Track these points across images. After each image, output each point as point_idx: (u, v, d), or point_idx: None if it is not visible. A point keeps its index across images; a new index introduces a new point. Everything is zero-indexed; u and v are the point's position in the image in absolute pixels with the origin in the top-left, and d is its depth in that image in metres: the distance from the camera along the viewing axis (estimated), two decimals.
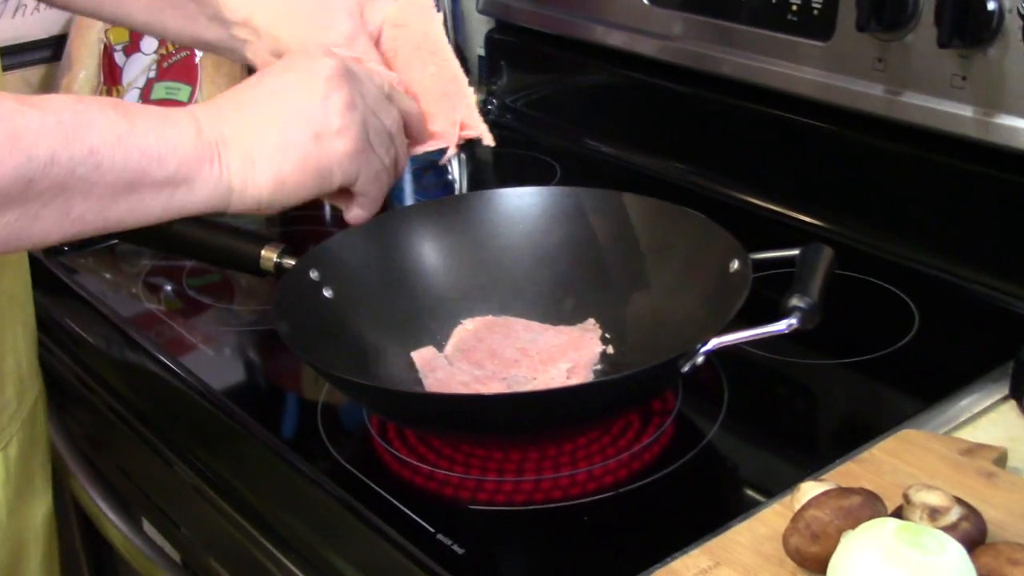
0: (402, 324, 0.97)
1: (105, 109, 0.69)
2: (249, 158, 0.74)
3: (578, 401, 0.80)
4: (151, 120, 0.70)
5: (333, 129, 0.78)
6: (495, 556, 0.78)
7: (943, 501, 0.66)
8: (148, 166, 0.69)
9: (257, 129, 0.75)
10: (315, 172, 0.78)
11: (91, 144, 0.66)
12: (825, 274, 0.84)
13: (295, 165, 0.77)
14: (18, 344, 0.90)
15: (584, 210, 1.01)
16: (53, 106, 0.67)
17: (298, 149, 0.76)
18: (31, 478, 0.95)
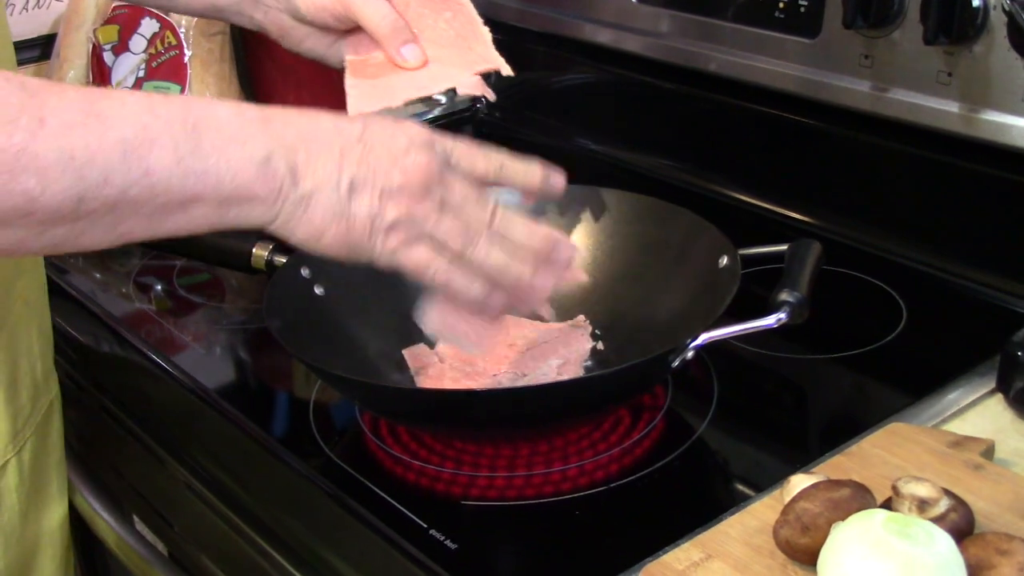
0: (393, 321, 0.97)
1: (173, 123, 0.65)
2: (304, 204, 0.70)
3: (568, 396, 0.80)
4: (219, 138, 0.67)
5: (386, 223, 0.72)
6: (488, 551, 0.79)
7: (932, 493, 0.67)
8: (204, 190, 0.66)
9: (326, 179, 0.70)
10: (350, 251, 0.73)
11: (148, 165, 0.63)
12: (813, 269, 0.85)
13: (338, 236, 0.72)
14: (33, 349, 0.89)
15: (573, 207, 1.01)
16: (120, 118, 0.64)
17: (349, 224, 0.71)
18: (46, 483, 0.95)
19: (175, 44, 1.34)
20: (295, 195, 0.69)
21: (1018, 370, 0.85)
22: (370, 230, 0.72)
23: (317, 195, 0.70)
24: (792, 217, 1.21)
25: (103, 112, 0.63)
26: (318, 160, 0.70)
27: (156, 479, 0.98)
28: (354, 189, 0.70)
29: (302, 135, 0.70)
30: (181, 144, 0.65)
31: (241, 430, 0.93)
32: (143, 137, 0.63)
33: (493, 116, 1.57)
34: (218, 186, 0.66)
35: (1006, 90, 0.98)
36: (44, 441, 0.93)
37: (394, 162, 0.71)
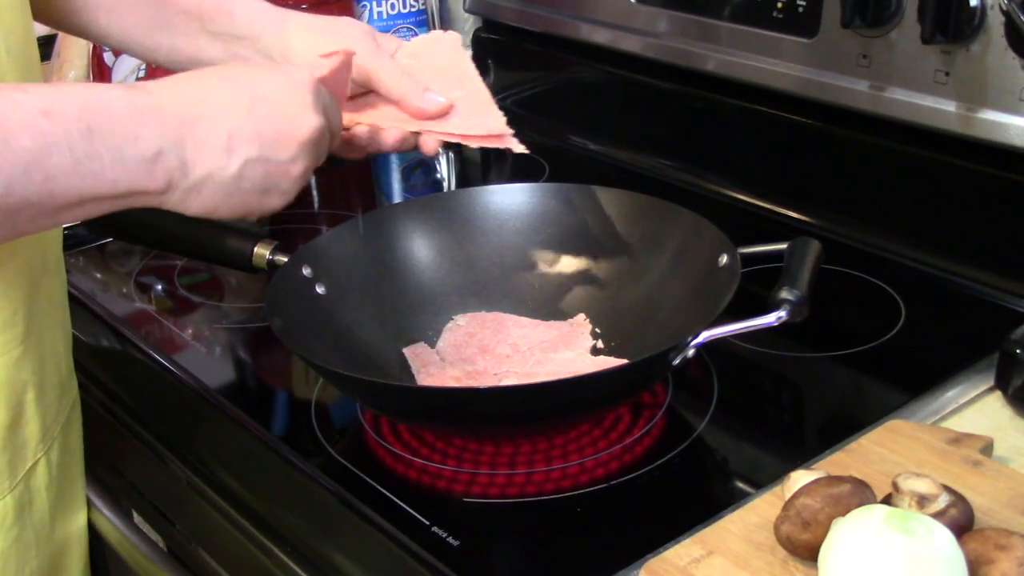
0: (394, 320, 0.98)
1: (69, 126, 0.67)
2: (196, 190, 0.73)
3: (569, 395, 0.81)
4: (112, 137, 0.69)
5: (283, 188, 0.77)
6: (490, 547, 0.79)
7: (931, 488, 0.67)
8: (99, 189, 0.69)
9: (216, 166, 0.73)
10: (246, 213, 0.78)
11: (47, 172, 0.66)
12: (813, 267, 0.85)
13: (232, 209, 0.76)
14: (58, 347, 0.90)
15: (574, 207, 1.02)
16: (16, 125, 0.66)
17: (241, 198, 0.75)
18: (72, 482, 0.95)
19: None
20: (186, 184, 0.73)
21: (1016, 367, 0.85)
22: (263, 199, 0.76)
23: (208, 181, 0.73)
24: (790, 216, 1.22)
25: (2, 119, 0.65)
26: (207, 150, 0.73)
27: (158, 478, 0.99)
28: (243, 172, 0.74)
29: (192, 120, 0.72)
30: (77, 148, 0.67)
31: (243, 428, 0.93)
32: (42, 144, 0.66)
33: None
34: (113, 186, 0.70)
35: (1003, 89, 0.99)
36: (68, 440, 0.93)
37: (289, 133, 0.76)
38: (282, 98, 0.76)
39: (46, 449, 0.87)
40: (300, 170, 0.77)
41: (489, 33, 1.60)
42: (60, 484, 0.91)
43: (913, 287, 1.06)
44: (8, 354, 0.81)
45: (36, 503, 0.87)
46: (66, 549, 0.94)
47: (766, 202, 1.24)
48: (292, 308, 0.90)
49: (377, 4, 1.55)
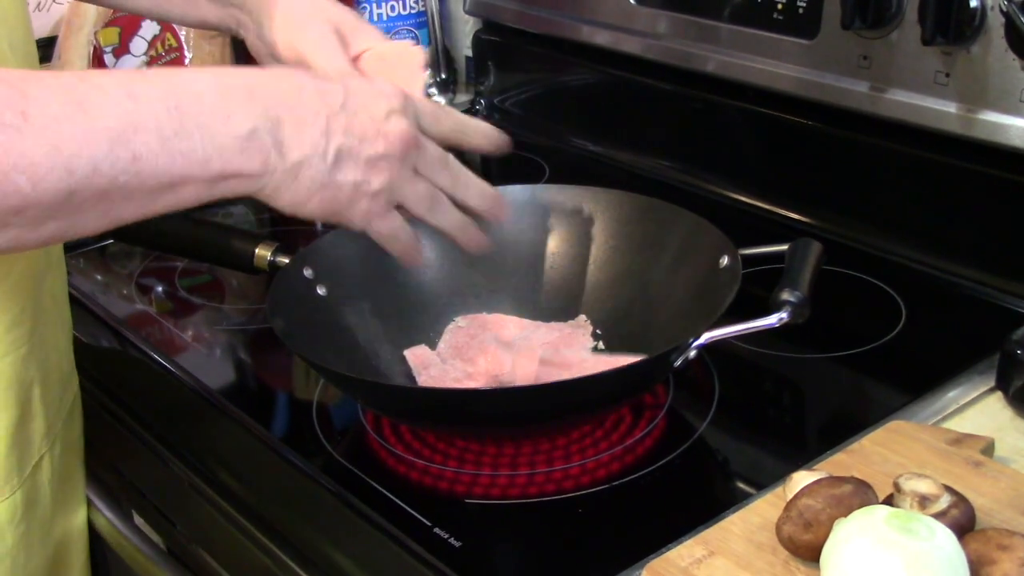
0: (395, 322, 0.98)
1: (155, 106, 0.65)
2: (292, 174, 0.71)
3: (570, 396, 0.81)
4: (203, 115, 0.67)
5: (372, 189, 0.75)
6: (492, 548, 0.79)
7: (933, 489, 0.67)
8: (191, 170, 0.67)
9: (312, 149, 0.72)
10: (332, 216, 0.76)
11: (135, 151, 0.64)
12: (814, 269, 0.85)
13: (323, 203, 0.74)
14: (60, 344, 0.90)
15: (574, 208, 1.02)
16: (102, 106, 0.64)
17: (333, 191, 0.74)
18: (72, 477, 0.95)
19: (175, 46, 1.34)
20: (283, 167, 0.70)
21: (1017, 368, 0.85)
22: (353, 197, 0.75)
23: (304, 166, 0.71)
24: (791, 217, 1.22)
25: (85, 101, 0.63)
26: (304, 130, 0.71)
27: (159, 478, 0.99)
28: (340, 159, 0.73)
29: (287, 104, 0.71)
30: (165, 126, 0.65)
31: (244, 429, 0.93)
32: (127, 123, 0.64)
33: (492, 117, 1.57)
34: (205, 164, 0.67)
35: (1003, 90, 0.99)
36: (70, 436, 0.94)
37: (377, 130, 0.74)
38: (372, 98, 0.75)
39: (50, 445, 0.87)
40: (387, 175, 0.75)
41: (489, 34, 1.60)
42: (61, 480, 0.91)
43: (914, 288, 1.07)
44: (16, 352, 0.81)
45: (40, 499, 0.87)
46: (67, 545, 0.95)
47: (767, 203, 1.24)
48: (293, 309, 0.90)
49: (377, 5, 1.56)
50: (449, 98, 1.61)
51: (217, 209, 1.35)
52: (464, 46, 1.64)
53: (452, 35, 1.67)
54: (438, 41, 1.58)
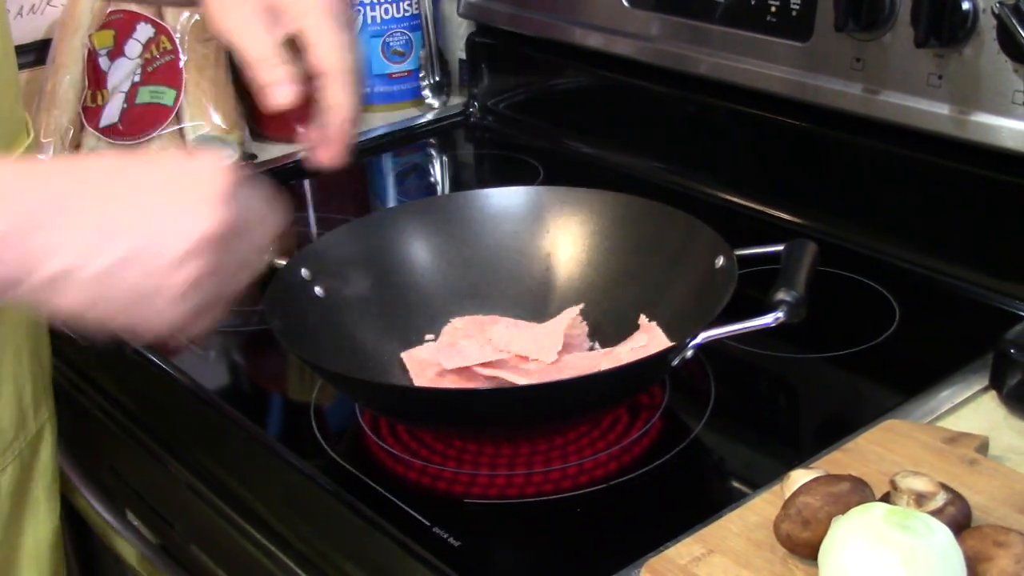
0: (392, 322, 0.98)
1: None
2: (56, 285, 0.60)
3: (568, 396, 0.81)
4: None
5: (172, 296, 0.62)
6: (491, 548, 0.79)
7: (929, 487, 0.68)
8: None
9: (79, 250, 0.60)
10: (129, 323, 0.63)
11: None
12: (810, 269, 0.86)
13: (108, 314, 0.62)
14: (21, 371, 0.88)
15: (570, 209, 1.02)
16: None
17: (117, 302, 0.61)
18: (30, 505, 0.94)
19: (170, 49, 1.35)
20: (40, 276, 0.60)
21: (1010, 367, 0.86)
22: (143, 306, 0.62)
23: (70, 276, 0.60)
24: (785, 219, 1.22)
25: None
26: (69, 238, 0.60)
27: (156, 480, 0.99)
28: (115, 270, 0.60)
29: (59, 203, 0.60)
30: None
31: (242, 430, 0.93)
32: None
33: (486, 120, 1.58)
34: None
35: (996, 92, 1.00)
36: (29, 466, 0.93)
37: (168, 234, 0.61)
38: (174, 189, 0.62)
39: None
40: (191, 275, 0.61)
41: (483, 37, 1.60)
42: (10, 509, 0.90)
43: (908, 288, 1.07)
44: None
45: None
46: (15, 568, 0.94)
47: (760, 205, 1.25)
48: (291, 310, 0.91)
49: (371, 8, 1.56)
50: (443, 100, 1.61)
51: None
52: (458, 49, 1.65)
53: (446, 37, 1.67)
54: (432, 44, 1.59)
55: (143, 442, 0.99)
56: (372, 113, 1.60)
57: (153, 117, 1.35)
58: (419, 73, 1.61)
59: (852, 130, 1.14)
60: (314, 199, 1.44)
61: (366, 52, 1.57)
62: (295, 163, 1.46)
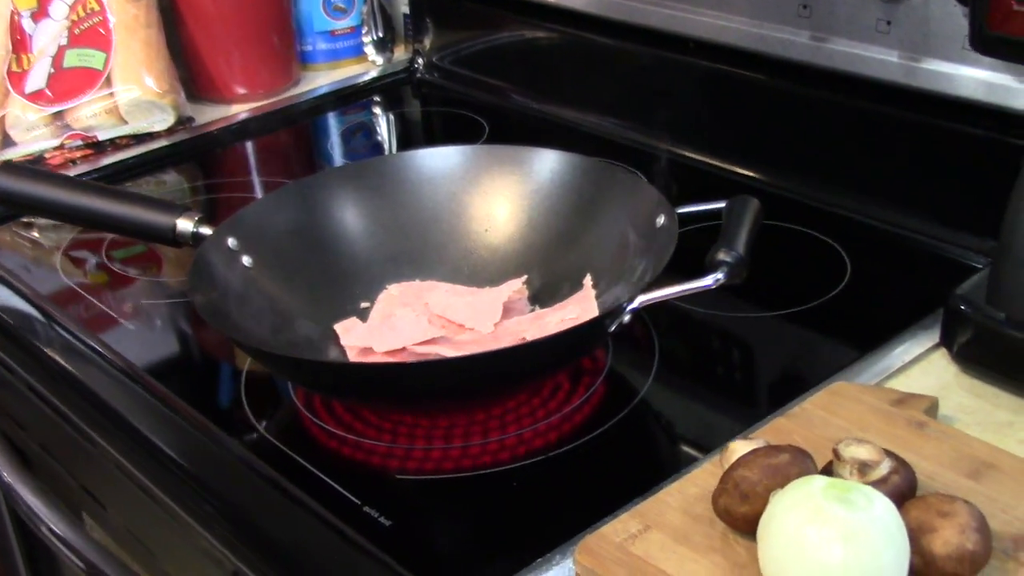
0: (326, 291, 0.95)
1: None
2: None
3: (502, 365, 0.78)
4: None
5: None
6: (423, 526, 0.76)
7: (872, 455, 0.65)
8: None
9: None
10: None
11: None
12: (752, 227, 0.83)
13: None
14: None
15: (508, 168, 0.99)
16: None
17: None
18: None
19: (98, 9, 1.30)
20: None
21: (961, 324, 0.83)
22: None
23: None
24: (734, 171, 1.19)
25: None
26: None
27: (88, 461, 0.96)
28: None
29: None
30: None
31: (170, 408, 0.89)
32: None
33: (431, 76, 1.53)
34: None
35: (946, 38, 0.96)
36: None
37: None
38: None
39: None
40: None
41: None
42: None
43: (859, 241, 1.04)
44: None
45: None
46: None
47: (709, 157, 1.21)
48: (217, 282, 0.87)
49: None
50: (387, 57, 1.56)
51: (149, 177, 1.31)
52: (402, 3, 1.60)
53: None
54: None
55: (72, 422, 0.95)
56: (314, 72, 1.56)
57: (82, 81, 1.30)
58: (362, 29, 1.56)
59: (800, 79, 1.11)
60: (257, 162, 1.40)
61: (307, 9, 1.52)
62: (235, 125, 1.41)
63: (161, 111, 1.34)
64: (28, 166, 0.96)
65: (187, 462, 0.86)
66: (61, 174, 0.96)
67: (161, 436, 0.89)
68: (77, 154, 1.31)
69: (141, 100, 1.32)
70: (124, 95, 1.31)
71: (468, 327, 0.90)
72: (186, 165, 1.35)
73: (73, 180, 0.94)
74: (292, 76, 1.51)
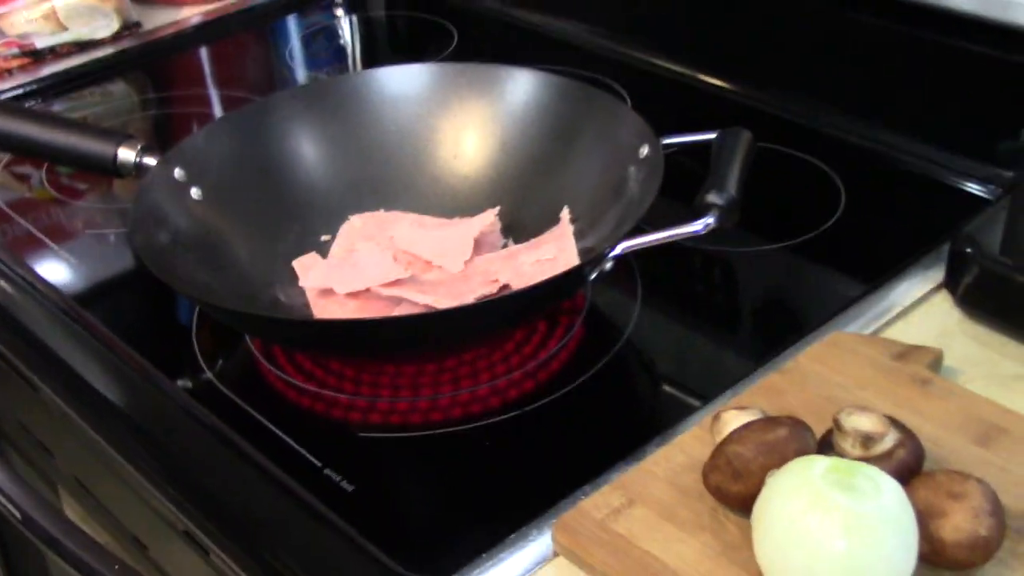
0: (283, 224, 0.88)
1: None
2: None
3: (476, 320, 0.72)
4: None
5: None
6: (387, 492, 0.70)
7: (877, 426, 0.59)
8: None
9: None
10: None
11: None
12: (743, 164, 0.76)
13: None
14: None
15: (479, 89, 0.91)
16: None
17: None
18: None
19: None
20: None
21: (967, 267, 0.77)
22: None
23: None
24: (717, 86, 1.11)
25: None
26: None
27: (33, 407, 0.89)
28: None
29: None
30: None
31: (110, 348, 0.83)
32: None
33: None
34: None
35: None
36: None
37: None
38: None
39: None
40: None
41: None
42: None
43: (854, 166, 0.97)
44: None
45: None
46: None
47: (693, 71, 1.13)
48: (162, 219, 0.80)
49: None
50: None
51: (94, 88, 1.23)
52: None
53: None
54: None
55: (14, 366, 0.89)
56: None
57: None
58: None
59: None
60: (211, 72, 1.31)
61: None
62: (188, 31, 1.32)
63: (104, 16, 1.25)
64: None
65: (131, 411, 0.80)
66: None
67: (102, 381, 0.83)
68: (13, 63, 1.22)
69: (81, 4, 1.23)
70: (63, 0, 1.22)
71: (436, 264, 0.83)
72: (134, 75, 1.26)
73: (3, 104, 0.86)
74: None
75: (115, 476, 0.80)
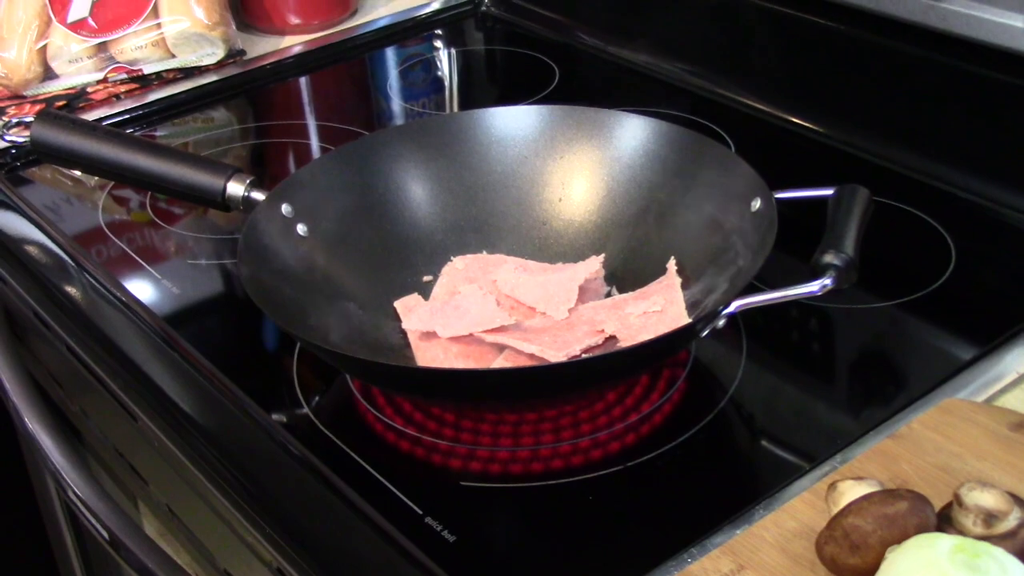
0: (385, 261, 0.88)
1: None
2: None
3: (582, 374, 0.71)
4: None
5: None
6: (488, 545, 0.70)
7: (1000, 504, 0.58)
8: None
9: None
10: None
11: None
12: (860, 222, 0.74)
13: None
14: None
15: (587, 133, 0.91)
16: None
17: None
18: None
19: None
20: None
21: None
22: None
23: None
24: (819, 132, 1.09)
25: None
26: None
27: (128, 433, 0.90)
28: None
29: None
30: None
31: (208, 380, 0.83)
32: None
33: (498, 10, 1.44)
34: None
35: None
36: None
37: None
38: None
39: None
40: None
41: None
42: None
43: (964, 222, 0.95)
44: None
45: None
46: None
47: (797, 117, 1.11)
48: (270, 255, 0.81)
49: None
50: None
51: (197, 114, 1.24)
52: None
53: None
54: None
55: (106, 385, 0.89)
56: (372, 1, 1.47)
57: (127, 11, 1.22)
58: None
59: (906, 39, 1.01)
60: (311, 101, 1.32)
61: None
62: (289, 60, 1.33)
63: (210, 44, 1.26)
64: (67, 115, 0.89)
65: (229, 445, 0.80)
66: (103, 126, 0.89)
67: (196, 409, 0.83)
68: (121, 88, 1.24)
69: (189, 32, 1.24)
70: (171, 27, 1.23)
71: (540, 311, 0.83)
72: (236, 101, 1.27)
73: (116, 134, 0.87)
74: (349, 6, 1.43)
75: (207, 510, 0.80)
